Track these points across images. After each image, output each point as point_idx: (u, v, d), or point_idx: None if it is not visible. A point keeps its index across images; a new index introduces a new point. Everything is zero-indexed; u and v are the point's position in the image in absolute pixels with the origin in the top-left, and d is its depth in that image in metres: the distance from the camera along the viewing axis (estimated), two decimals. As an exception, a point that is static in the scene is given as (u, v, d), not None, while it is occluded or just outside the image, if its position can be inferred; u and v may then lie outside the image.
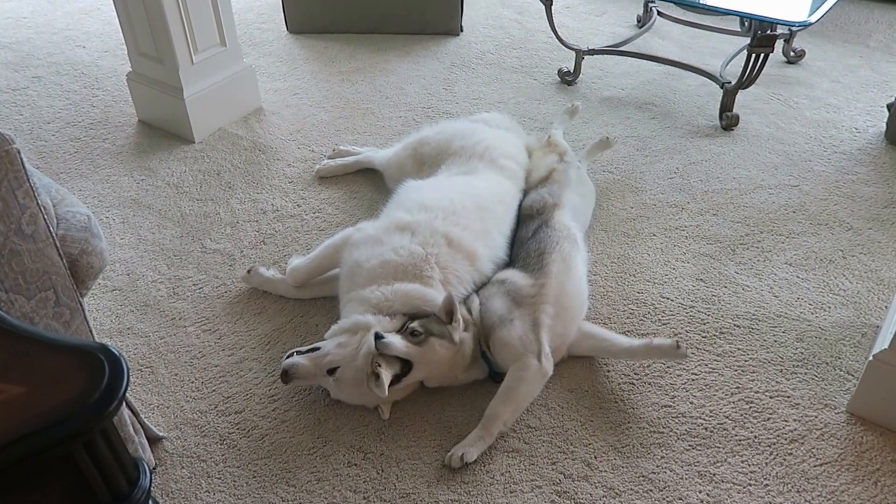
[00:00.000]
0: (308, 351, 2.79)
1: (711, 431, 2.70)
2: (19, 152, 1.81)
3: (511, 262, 3.14)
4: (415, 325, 2.75)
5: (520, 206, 3.39)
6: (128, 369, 1.42)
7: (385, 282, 2.88)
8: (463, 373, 2.83)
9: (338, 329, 2.84)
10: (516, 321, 2.80)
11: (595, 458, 2.63)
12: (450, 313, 2.77)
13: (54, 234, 1.99)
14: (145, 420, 2.60)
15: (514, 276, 2.99)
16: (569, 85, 4.84)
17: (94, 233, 2.14)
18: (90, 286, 2.18)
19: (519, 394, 2.71)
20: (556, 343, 2.85)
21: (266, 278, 3.31)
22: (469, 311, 2.90)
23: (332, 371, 2.71)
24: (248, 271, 3.33)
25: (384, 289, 2.86)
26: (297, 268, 3.22)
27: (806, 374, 2.91)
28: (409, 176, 3.52)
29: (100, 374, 1.40)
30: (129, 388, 2.69)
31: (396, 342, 2.67)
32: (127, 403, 2.42)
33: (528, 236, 3.17)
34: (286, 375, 2.73)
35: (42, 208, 1.93)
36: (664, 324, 3.11)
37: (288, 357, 2.77)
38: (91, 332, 2.18)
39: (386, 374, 2.61)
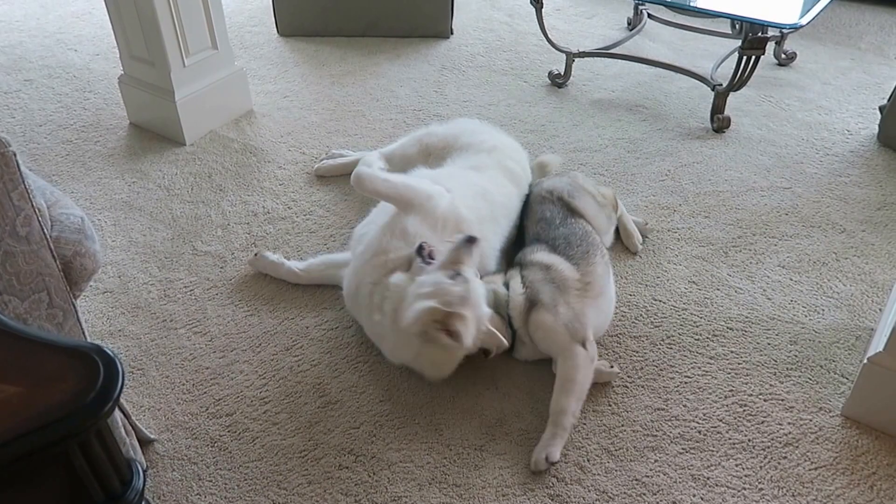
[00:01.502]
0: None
1: (705, 435, 2.70)
2: (15, 155, 1.81)
3: (537, 239, 3.13)
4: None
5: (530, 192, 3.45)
6: (123, 370, 1.42)
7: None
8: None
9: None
10: (561, 307, 2.82)
11: (588, 461, 2.63)
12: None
13: (48, 236, 1.99)
14: (136, 422, 2.59)
15: (561, 264, 2.97)
16: (559, 87, 4.85)
17: (87, 235, 2.14)
18: (83, 288, 2.17)
19: (578, 382, 2.72)
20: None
21: (270, 261, 3.37)
22: (507, 284, 2.92)
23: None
24: (255, 255, 3.38)
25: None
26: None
27: (800, 377, 2.91)
28: (414, 167, 3.51)
29: (95, 374, 1.41)
30: (123, 385, 2.71)
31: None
32: (118, 405, 2.41)
33: (555, 221, 3.17)
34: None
35: (37, 210, 1.93)
36: (656, 326, 3.12)
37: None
38: (84, 333, 2.18)
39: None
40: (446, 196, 3.08)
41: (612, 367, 2.89)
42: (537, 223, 3.21)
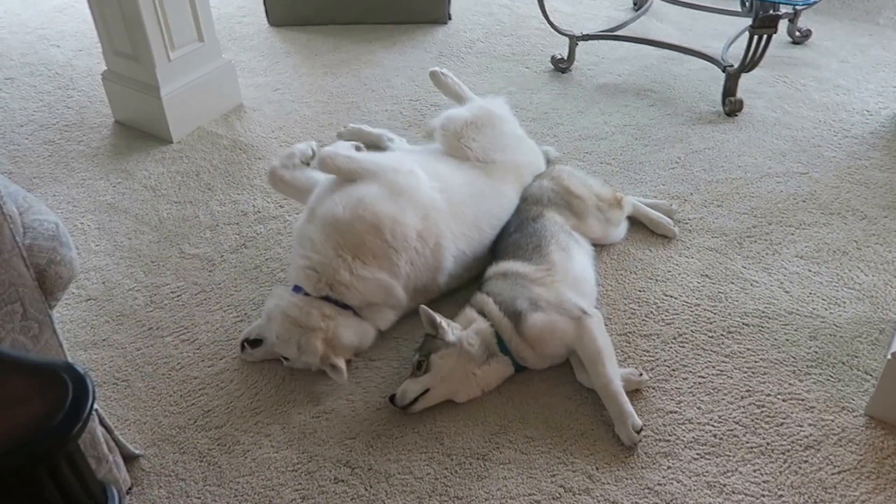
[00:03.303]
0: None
1: (721, 439, 2.65)
2: None
3: (495, 256, 3.18)
4: (415, 358, 2.80)
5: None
6: (94, 389, 1.37)
7: None
8: (479, 368, 2.79)
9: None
10: (541, 301, 2.82)
11: (597, 469, 2.57)
12: (432, 323, 2.82)
13: (21, 244, 1.94)
14: (120, 437, 2.55)
15: (513, 265, 3.01)
16: (563, 73, 4.79)
17: (62, 241, 2.08)
18: (59, 297, 2.13)
19: (602, 349, 2.73)
20: None
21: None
22: (482, 311, 2.90)
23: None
24: (273, 171, 3.43)
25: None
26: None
27: (820, 374, 2.85)
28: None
29: (63, 394, 1.36)
30: (98, 405, 2.64)
31: (409, 390, 2.74)
32: (100, 420, 2.37)
33: (509, 230, 3.23)
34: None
35: (8, 217, 1.89)
36: (668, 324, 3.06)
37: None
38: (61, 345, 2.14)
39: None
40: (416, 175, 3.14)
41: (641, 374, 2.84)
42: (500, 240, 3.27)
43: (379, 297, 2.97)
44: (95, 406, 2.25)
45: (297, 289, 2.96)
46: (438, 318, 2.81)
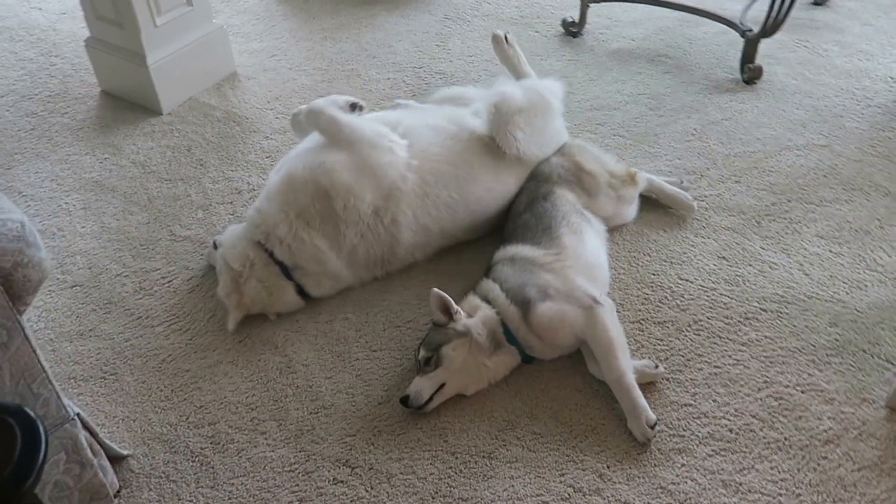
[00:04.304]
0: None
1: (737, 434, 2.63)
2: None
3: (503, 238, 3.14)
4: (421, 354, 2.76)
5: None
6: (46, 436, 1.32)
7: None
8: (489, 359, 2.78)
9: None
10: (551, 289, 2.79)
11: (608, 467, 2.56)
12: (446, 309, 2.78)
13: (-20, 249, 1.91)
14: (107, 438, 2.54)
15: (521, 250, 2.98)
16: (574, 37, 4.73)
17: (29, 242, 2.03)
18: (29, 301, 2.09)
19: (615, 340, 2.72)
20: None
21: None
22: (486, 298, 2.88)
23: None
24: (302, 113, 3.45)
25: None
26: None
27: (841, 363, 2.82)
28: None
29: (11, 444, 1.31)
30: (84, 401, 2.65)
31: (424, 388, 2.71)
32: (84, 424, 2.35)
33: (519, 209, 3.19)
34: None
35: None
36: (683, 310, 3.03)
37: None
38: (35, 351, 2.10)
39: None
40: (394, 152, 3.17)
41: (656, 366, 2.81)
42: (509, 220, 3.24)
43: (310, 264, 3.05)
44: (77, 410, 2.24)
45: None
46: (453, 304, 2.79)
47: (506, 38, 3.76)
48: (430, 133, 3.33)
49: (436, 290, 2.79)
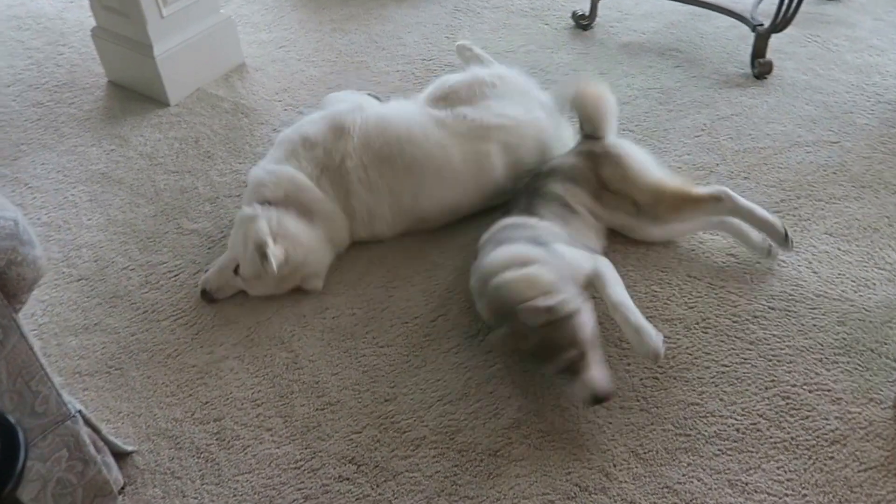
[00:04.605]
0: None
1: (743, 433, 2.63)
2: None
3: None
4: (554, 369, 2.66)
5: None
6: (26, 443, 1.32)
7: None
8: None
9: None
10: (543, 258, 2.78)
11: (614, 466, 2.57)
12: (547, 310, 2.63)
13: (-25, 246, 1.91)
14: (112, 434, 2.55)
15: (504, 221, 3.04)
16: (584, 30, 4.72)
17: (23, 239, 2.02)
18: (25, 300, 2.08)
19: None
20: None
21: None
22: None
23: (236, 270, 3.11)
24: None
25: None
26: None
27: (848, 363, 2.82)
28: None
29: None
30: (89, 396, 2.66)
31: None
32: (86, 420, 2.37)
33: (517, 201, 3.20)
34: (206, 295, 3.13)
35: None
36: (690, 307, 3.04)
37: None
38: (32, 348, 2.10)
39: (274, 253, 3.00)
40: (361, 110, 3.40)
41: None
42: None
43: (290, 189, 3.21)
44: (79, 407, 2.25)
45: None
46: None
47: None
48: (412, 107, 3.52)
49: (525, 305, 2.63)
